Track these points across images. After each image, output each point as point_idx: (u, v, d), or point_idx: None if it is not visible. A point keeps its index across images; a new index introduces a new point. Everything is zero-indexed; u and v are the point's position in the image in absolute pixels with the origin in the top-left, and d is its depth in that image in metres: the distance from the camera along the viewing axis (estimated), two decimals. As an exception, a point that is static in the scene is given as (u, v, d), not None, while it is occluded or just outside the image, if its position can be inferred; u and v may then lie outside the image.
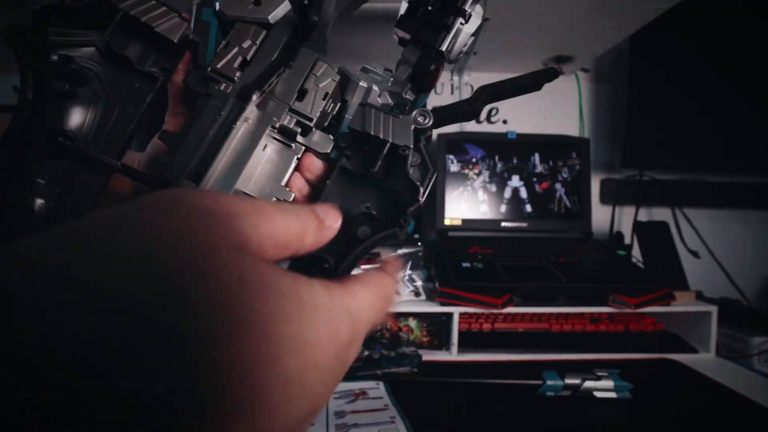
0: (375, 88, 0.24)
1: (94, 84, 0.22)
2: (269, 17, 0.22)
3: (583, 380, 0.60)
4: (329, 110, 0.24)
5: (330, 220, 0.18)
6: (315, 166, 0.24)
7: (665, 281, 0.81)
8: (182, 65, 0.24)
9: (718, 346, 0.80)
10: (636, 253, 1.04)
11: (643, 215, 1.19)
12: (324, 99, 0.23)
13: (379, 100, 0.24)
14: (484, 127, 1.20)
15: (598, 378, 0.60)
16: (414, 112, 0.22)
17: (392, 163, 0.22)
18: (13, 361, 0.09)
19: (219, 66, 0.21)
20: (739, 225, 1.22)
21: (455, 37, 0.24)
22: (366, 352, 0.71)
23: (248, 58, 0.22)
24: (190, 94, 0.23)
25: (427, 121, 0.23)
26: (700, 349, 0.79)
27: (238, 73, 0.22)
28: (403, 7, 0.25)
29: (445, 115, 0.23)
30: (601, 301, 0.78)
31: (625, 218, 1.18)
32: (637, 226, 1.07)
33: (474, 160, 1.05)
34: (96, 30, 0.22)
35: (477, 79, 1.18)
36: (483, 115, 1.20)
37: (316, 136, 0.23)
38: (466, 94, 1.17)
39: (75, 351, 0.10)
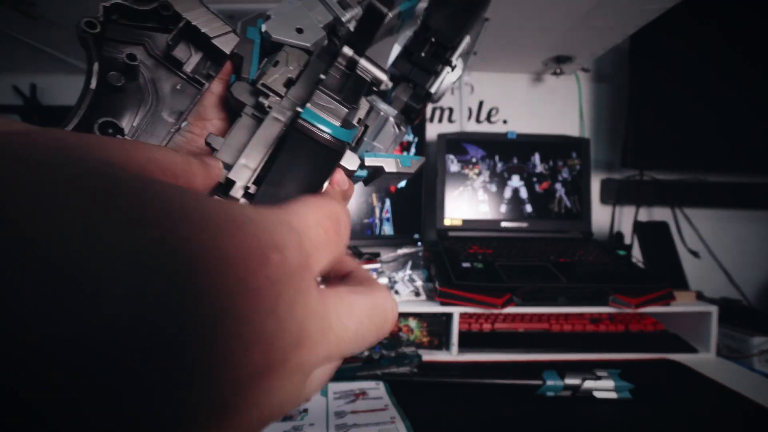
0: (391, 118, 0.28)
1: (140, 82, 0.24)
2: (310, 45, 0.24)
3: (583, 380, 0.60)
4: (359, 133, 0.27)
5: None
6: (343, 181, 0.25)
7: (665, 281, 0.81)
8: (221, 75, 0.26)
9: (718, 346, 0.80)
10: (636, 253, 1.04)
11: (643, 215, 1.19)
12: (358, 123, 0.26)
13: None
14: (484, 127, 1.20)
15: (598, 378, 0.60)
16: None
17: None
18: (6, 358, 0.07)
19: (269, 82, 0.23)
20: (739, 225, 1.22)
21: (441, 82, 0.28)
22: (366, 352, 0.71)
23: (294, 77, 0.24)
24: (231, 102, 0.24)
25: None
26: (700, 349, 0.79)
27: (284, 90, 0.24)
28: (397, 49, 0.28)
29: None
30: (601, 301, 0.78)
31: (625, 218, 1.18)
32: (637, 226, 1.07)
33: (474, 160, 1.05)
34: (150, 31, 0.24)
35: (477, 78, 1.18)
36: (483, 114, 1.20)
37: (347, 154, 0.25)
38: (466, 93, 1.17)
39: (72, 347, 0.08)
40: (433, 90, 0.27)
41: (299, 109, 0.22)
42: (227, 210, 0.11)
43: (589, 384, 0.60)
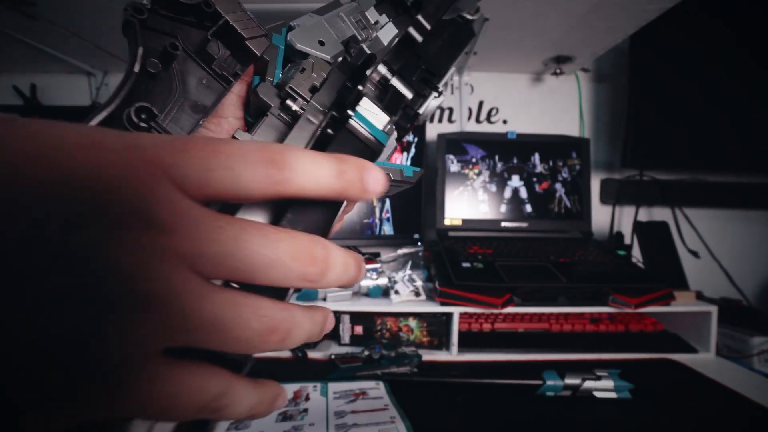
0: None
1: (170, 72, 0.25)
2: (329, 58, 0.26)
3: (583, 380, 0.60)
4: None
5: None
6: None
7: (665, 281, 0.81)
8: (245, 75, 0.27)
9: (718, 346, 0.80)
10: (636, 253, 1.05)
11: (643, 215, 1.19)
12: None
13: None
14: (484, 127, 1.20)
15: (598, 378, 0.60)
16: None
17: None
18: None
19: (296, 86, 0.25)
20: (739, 225, 1.22)
21: (427, 105, 0.29)
22: (366, 352, 0.71)
23: (318, 85, 0.26)
24: (253, 102, 0.25)
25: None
26: (700, 349, 0.79)
27: (309, 95, 0.25)
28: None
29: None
30: (601, 301, 0.78)
31: (625, 218, 1.18)
32: (637, 226, 1.07)
33: (474, 160, 1.05)
34: (186, 25, 0.25)
35: (477, 79, 1.18)
36: (483, 114, 1.20)
37: None
38: (466, 93, 1.17)
39: None
40: (420, 111, 0.29)
41: (350, 112, 0.24)
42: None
43: (589, 384, 0.60)
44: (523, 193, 1.05)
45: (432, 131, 1.12)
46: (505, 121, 1.20)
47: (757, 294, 1.17)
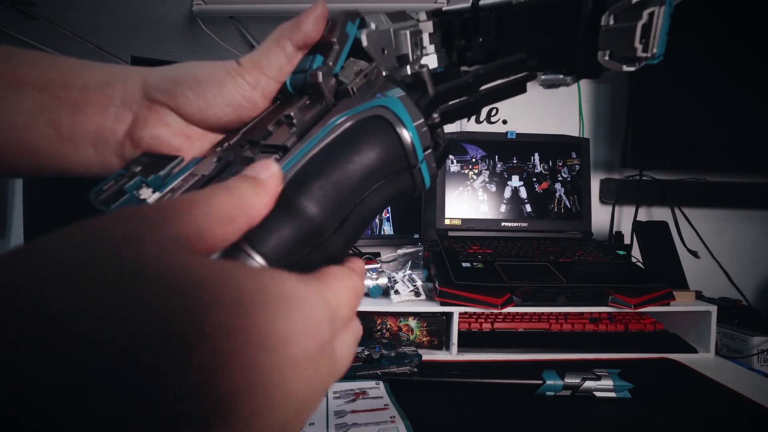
0: None
1: None
2: (384, 70, 0.25)
3: (583, 380, 0.60)
4: None
5: (262, 173, 0.17)
6: None
7: (665, 281, 0.81)
8: (298, 41, 0.24)
9: (718, 345, 0.80)
10: (636, 253, 1.05)
11: (643, 215, 1.19)
12: None
13: None
14: (484, 127, 1.20)
15: (598, 378, 0.60)
16: None
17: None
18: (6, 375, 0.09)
19: (354, 84, 0.23)
20: (739, 225, 1.22)
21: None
22: (366, 352, 0.71)
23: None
24: (306, 80, 0.24)
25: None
26: (700, 348, 0.79)
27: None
28: None
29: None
30: (600, 301, 0.78)
31: (625, 218, 1.18)
32: (637, 226, 1.07)
33: (474, 160, 1.05)
34: None
35: (477, 79, 1.18)
36: (483, 114, 1.20)
37: None
38: (466, 94, 1.17)
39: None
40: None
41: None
42: (259, 289, 0.13)
43: (588, 383, 0.60)
44: (523, 193, 1.05)
45: (432, 131, 1.12)
46: (505, 121, 1.20)
47: (756, 294, 1.17)
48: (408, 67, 0.26)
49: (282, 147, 0.21)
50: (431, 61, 0.27)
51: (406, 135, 0.21)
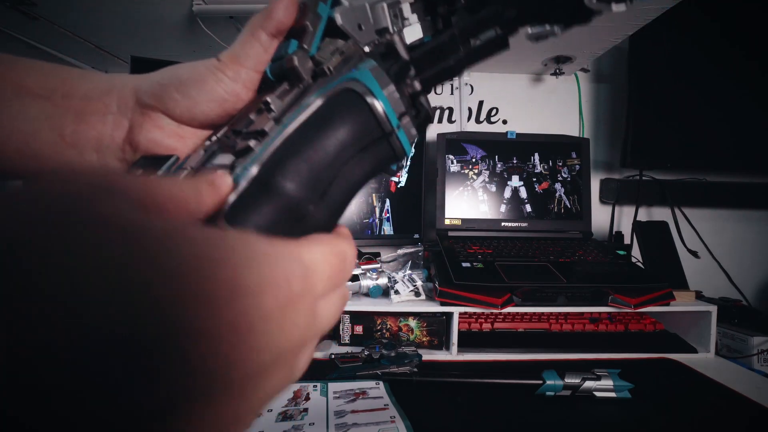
0: None
1: None
2: (366, 49, 0.25)
3: (583, 380, 0.60)
4: None
5: (219, 179, 0.18)
6: None
7: (665, 281, 0.81)
8: (272, 29, 0.25)
9: (718, 345, 0.80)
10: (636, 253, 1.05)
11: (643, 215, 1.19)
12: None
13: None
14: (484, 127, 1.20)
15: (598, 378, 0.60)
16: None
17: None
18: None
19: (330, 63, 0.23)
20: (739, 225, 1.22)
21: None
22: (366, 352, 0.71)
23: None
24: (284, 66, 0.24)
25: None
26: (700, 348, 0.79)
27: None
28: None
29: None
30: (600, 301, 0.78)
31: (625, 218, 1.19)
32: (637, 226, 1.08)
33: (474, 160, 1.05)
34: None
35: (477, 79, 1.18)
36: (483, 114, 1.20)
37: None
38: (466, 94, 1.17)
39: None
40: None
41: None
42: (219, 244, 0.13)
43: (588, 383, 0.60)
44: (523, 193, 1.05)
45: (432, 131, 1.12)
46: (504, 121, 1.20)
47: (756, 294, 1.17)
48: (395, 38, 0.26)
49: (260, 132, 0.21)
50: (416, 31, 0.27)
51: (377, 104, 0.22)
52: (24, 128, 0.25)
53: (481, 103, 1.19)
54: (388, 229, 1.04)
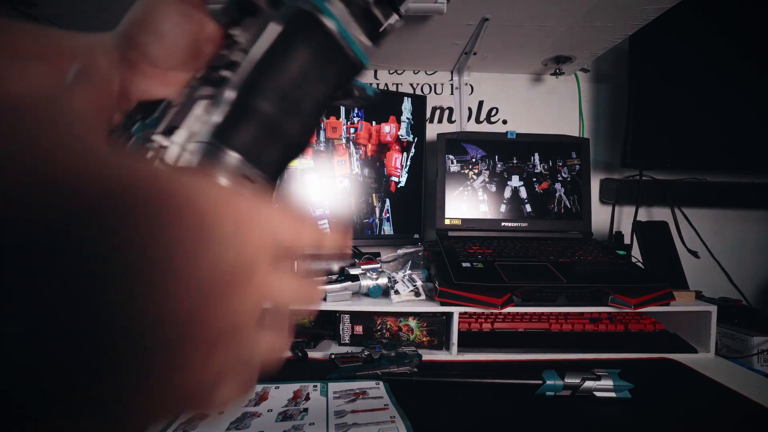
0: None
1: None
2: (272, 22, 0.25)
3: (583, 380, 0.60)
4: None
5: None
6: None
7: (665, 281, 0.81)
8: None
9: (718, 345, 0.80)
10: (636, 253, 1.05)
11: (643, 215, 1.19)
12: None
13: None
14: (484, 127, 1.20)
15: (598, 378, 0.60)
16: None
17: None
18: None
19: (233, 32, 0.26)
20: (739, 225, 1.22)
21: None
22: (366, 352, 0.71)
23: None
24: (241, 3, 0.26)
25: None
26: (700, 348, 0.79)
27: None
28: None
29: None
30: (600, 301, 0.78)
31: (625, 218, 1.19)
32: (637, 226, 1.08)
33: (474, 160, 1.05)
34: None
35: (477, 79, 1.18)
36: (483, 114, 1.20)
37: None
38: (466, 94, 1.17)
39: None
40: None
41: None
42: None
43: (588, 383, 0.60)
44: (523, 193, 1.05)
45: (432, 131, 1.12)
46: (504, 121, 1.20)
47: (756, 294, 1.17)
48: None
49: (233, 63, 0.24)
50: None
51: (326, 20, 0.24)
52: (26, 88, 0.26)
53: (481, 103, 1.19)
54: (388, 229, 1.04)
